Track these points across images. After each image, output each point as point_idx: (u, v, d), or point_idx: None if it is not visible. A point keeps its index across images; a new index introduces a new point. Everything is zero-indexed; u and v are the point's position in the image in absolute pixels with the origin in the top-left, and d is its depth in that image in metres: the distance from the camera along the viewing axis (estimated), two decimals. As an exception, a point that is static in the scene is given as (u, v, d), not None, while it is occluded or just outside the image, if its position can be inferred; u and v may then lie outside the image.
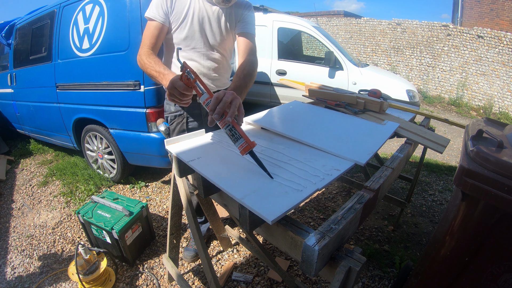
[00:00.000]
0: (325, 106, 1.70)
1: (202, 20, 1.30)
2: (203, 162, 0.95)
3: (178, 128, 1.49)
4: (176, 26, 1.28)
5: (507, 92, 6.54)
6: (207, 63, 1.39)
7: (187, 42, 1.31)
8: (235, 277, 1.69)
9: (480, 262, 0.86)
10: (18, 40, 3.27)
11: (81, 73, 2.50)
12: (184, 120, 1.46)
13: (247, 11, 1.39)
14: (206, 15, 1.30)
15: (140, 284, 1.68)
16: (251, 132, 1.27)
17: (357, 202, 0.78)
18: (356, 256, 0.67)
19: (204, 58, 1.37)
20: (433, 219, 2.28)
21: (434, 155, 3.68)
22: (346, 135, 1.21)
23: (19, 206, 2.57)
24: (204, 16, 1.30)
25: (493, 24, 8.59)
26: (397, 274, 1.71)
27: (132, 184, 2.77)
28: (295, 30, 4.61)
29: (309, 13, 11.47)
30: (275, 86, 4.46)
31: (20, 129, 3.84)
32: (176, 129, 1.49)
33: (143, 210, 1.86)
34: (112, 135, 2.50)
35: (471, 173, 0.77)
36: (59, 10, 2.62)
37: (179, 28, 1.28)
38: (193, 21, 1.28)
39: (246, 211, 0.74)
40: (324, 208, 2.40)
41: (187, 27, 1.28)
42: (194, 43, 1.32)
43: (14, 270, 1.82)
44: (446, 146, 1.25)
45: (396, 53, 8.02)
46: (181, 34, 1.29)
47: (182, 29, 1.28)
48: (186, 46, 1.32)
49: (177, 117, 1.47)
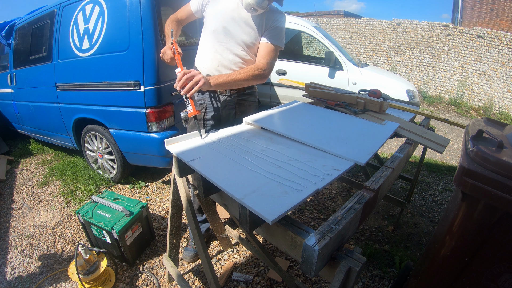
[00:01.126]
0: (325, 106, 1.70)
1: (233, 19, 1.40)
2: (203, 162, 0.95)
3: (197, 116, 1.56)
4: (208, 19, 1.43)
5: (507, 92, 6.54)
6: (230, 56, 1.44)
7: (215, 35, 1.42)
8: (235, 277, 1.69)
9: (480, 262, 0.86)
10: (18, 40, 3.27)
11: (81, 73, 2.50)
12: (203, 110, 1.53)
13: (277, 22, 1.44)
14: (238, 15, 1.40)
15: (140, 284, 1.68)
16: (251, 132, 1.27)
17: (357, 202, 0.78)
18: (356, 256, 0.67)
19: (228, 52, 1.43)
20: (433, 219, 2.28)
21: (434, 155, 3.68)
22: (346, 135, 1.21)
23: (19, 206, 2.57)
24: (235, 16, 1.40)
25: (493, 24, 8.59)
26: (397, 274, 1.71)
27: (132, 184, 2.77)
28: (295, 30, 4.60)
29: (309, 13, 11.47)
30: (275, 86, 4.46)
31: (20, 129, 3.84)
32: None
33: (143, 210, 1.86)
34: (112, 135, 2.50)
35: (471, 173, 0.77)
36: (59, 10, 2.62)
37: (211, 21, 1.42)
38: (225, 17, 1.40)
39: (246, 211, 0.74)
40: (324, 208, 2.40)
41: (217, 22, 1.40)
42: (220, 36, 1.42)
43: (14, 270, 1.82)
44: (446, 146, 1.25)
45: (396, 53, 8.02)
46: (211, 26, 1.42)
47: (212, 22, 1.42)
48: (214, 38, 1.43)
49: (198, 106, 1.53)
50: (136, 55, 2.11)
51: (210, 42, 1.45)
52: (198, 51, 1.54)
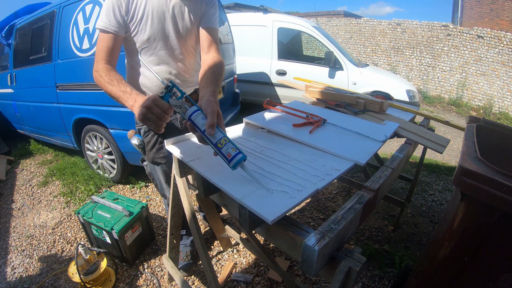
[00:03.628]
0: (325, 106, 1.70)
1: (163, 16, 1.17)
2: (203, 162, 0.95)
3: (154, 141, 1.35)
4: (136, 28, 1.15)
5: (507, 92, 6.54)
6: (177, 63, 1.28)
7: (151, 44, 1.19)
8: (235, 277, 1.69)
9: (480, 262, 0.86)
10: (18, 40, 3.27)
11: (81, 73, 2.50)
12: None
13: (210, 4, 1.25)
14: (167, 10, 1.16)
15: (140, 284, 1.68)
16: (251, 132, 1.27)
17: (357, 202, 0.78)
18: (356, 256, 0.67)
19: (173, 59, 1.26)
20: (433, 219, 2.28)
21: (434, 155, 3.68)
22: (346, 135, 1.21)
23: (19, 206, 2.57)
24: (165, 11, 1.16)
25: (493, 24, 8.59)
26: (397, 274, 1.71)
27: (132, 184, 2.77)
28: (295, 30, 4.61)
29: (309, 13, 11.48)
30: (275, 86, 4.47)
31: (20, 129, 3.84)
32: (152, 142, 1.35)
33: (143, 210, 1.86)
34: (112, 135, 2.50)
35: (470, 173, 0.77)
36: (59, 10, 2.62)
37: (140, 30, 1.16)
38: (154, 19, 1.15)
39: (246, 211, 0.74)
40: (324, 208, 2.40)
41: (148, 27, 1.15)
42: (159, 44, 1.20)
43: (14, 270, 1.82)
44: (446, 146, 1.25)
45: (396, 53, 8.02)
46: (143, 36, 1.16)
47: (143, 30, 1.16)
48: (150, 48, 1.20)
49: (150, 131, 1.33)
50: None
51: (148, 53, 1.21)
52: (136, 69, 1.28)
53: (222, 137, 0.79)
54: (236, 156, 0.77)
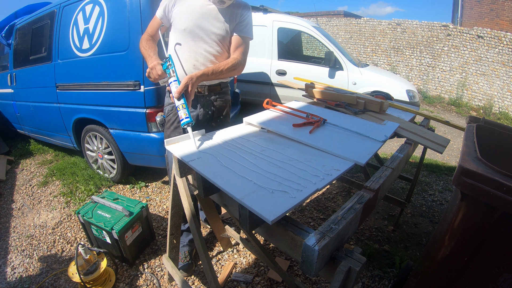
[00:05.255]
0: (325, 106, 1.70)
1: (202, 15, 1.40)
2: (203, 162, 0.95)
3: (174, 119, 1.54)
4: (177, 19, 1.42)
5: (507, 92, 6.54)
6: (205, 53, 1.44)
7: (186, 34, 1.41)
8: (235, 277, 1.69)
9: (480, 262, 0.86)
10: (18, 40, 3.27)
11: (81, 73, 2.50)
12: None
13: (245, 13, 1.48)
14: (207, 11, 1.40)
15: (140, 284, 1.68)
16: (251, 132, 1.27)
17: (357, 202, 0.78)
18: (356, 256, 0.67)
19: (202, 49, 1.44)
20: (433, 219, 2.28)
21: (434, 155, 3.68)
22: (346, 135, 1.21)
23: (19, 206, 2.57)
24: (205, 12, 1.40)
25: (493, 24, 8.59)
26: (397, 274, 1.71)
27: (132, 184, 2.77)
28: (295, 30, 4.61)
29: (309, 13, 11.48)
30: (275, 86, 4.46)
31: (20, 129, 3.84)
32: (172, 120, 1.55)
33: (143, 210, 1.86)
34: (112, 135, 2.50)
35: (470, 173, 0.77)
36: (59, 10, 2.62)
37: (180, 21, 1.41)
38: (193, 16, 1.39)
39: (246, 211, 0.74)
40: (324, 208, 2.40)
41: (187, 20, 1.39)
42: (193, 35, 1.41)
43: (14, 270, 1.82)
44: (446, 146, 1.25)
45: (396, 53, 8.02)
46: (180, 26, 1.41)
47: (182, 21, 1.40)
48: (185, 37, 1.42)
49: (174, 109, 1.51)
50: (136, 55, 2.11)
51: (182, 42, 1.44)
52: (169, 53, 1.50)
53: (181, 104, 1.18)
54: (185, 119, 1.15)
